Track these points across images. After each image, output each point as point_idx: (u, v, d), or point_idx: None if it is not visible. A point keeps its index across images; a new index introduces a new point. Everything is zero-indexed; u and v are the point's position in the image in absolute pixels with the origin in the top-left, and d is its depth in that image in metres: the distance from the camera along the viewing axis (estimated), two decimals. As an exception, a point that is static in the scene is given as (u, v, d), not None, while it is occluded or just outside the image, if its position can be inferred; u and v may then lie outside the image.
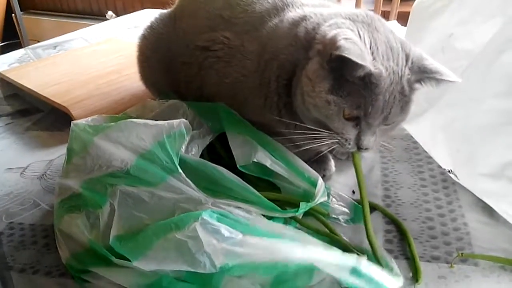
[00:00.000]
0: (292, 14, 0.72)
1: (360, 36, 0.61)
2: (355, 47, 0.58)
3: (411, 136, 0.84)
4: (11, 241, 0.71)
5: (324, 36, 0.62)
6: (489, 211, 0.67)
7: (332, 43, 0.59)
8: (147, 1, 3.17)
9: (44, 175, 0.87)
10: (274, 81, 0.69)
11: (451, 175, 0.70)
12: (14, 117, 1.11)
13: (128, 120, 0.68)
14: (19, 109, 1.16)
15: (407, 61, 0.62)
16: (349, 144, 0.64)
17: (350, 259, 0.53)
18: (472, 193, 0.69)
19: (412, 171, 0.78)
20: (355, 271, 0.52)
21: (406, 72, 0.62)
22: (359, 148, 0.64)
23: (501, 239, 0.63)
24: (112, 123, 0.70)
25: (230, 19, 0.77)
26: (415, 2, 0.81)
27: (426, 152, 0.79)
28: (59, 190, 0.68)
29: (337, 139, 0.64)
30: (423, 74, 0.62)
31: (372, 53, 0.61)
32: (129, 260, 0.54)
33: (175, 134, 0.64)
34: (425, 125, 0.72)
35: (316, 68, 0.62)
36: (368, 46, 0.61)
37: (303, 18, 0.69)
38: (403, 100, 0.62)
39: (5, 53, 1.57)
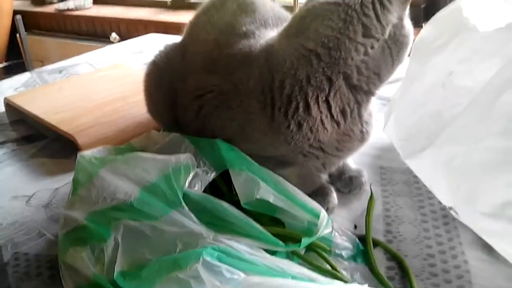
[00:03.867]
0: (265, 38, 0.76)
1: None
2: None
3: (412, 170, 0.85)
4: (16, 272, 0.71)
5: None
6: (489, 248, 0.67)
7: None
8: (151, 24, 3.20)
9: (50, 204, 0.88)
10: (285, 108, 0.70)
11: (451, 211, 0.71)
12: (19, 144, 1.13)
13: (135, 153, 0.70)
14: (24, 135, 1.17)
15: None
16: None
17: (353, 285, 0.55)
18: (472, 230, 0.70)
19: (413, 206, 0.78)
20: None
21: None
22: None
23: (501, 277, 0.64)
24: (119, 156, 0.71)
25: (218, 58, 0.79)
26: (417, 38, 0.82)
27: (426, 186, 0.80)
28: (64, 222, 0.69)
29: None
30: None
31: None
32: (134, 296, 0.55)
33: (181, 168, 0.65)
34: (426, 161, 0.72)
35: None
36: None
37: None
38: None
39: (10, 72, 1.60)
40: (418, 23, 2.31)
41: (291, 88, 0.69)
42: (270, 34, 0.78)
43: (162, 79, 0.92)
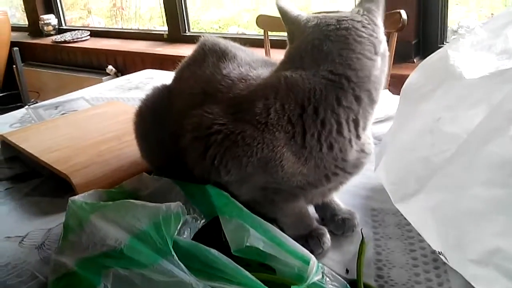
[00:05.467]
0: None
1: None
2: None
3: (403, 212, 0.85)
4: (8, 317, 0.71)
5: None
6: (479, 294, 0.68)
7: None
8: (147, 57, 3.23)
9: (43, 245, 0.88)
10: (318, 133, 0.72)
11: (441, 256, 0.72)
12: (13, 182, 1.13)
13: (126, 200, 0.70)
14: (19, 173, 1.17)
15: None
16: None
17: None
18: (461, 275, 0.70)
19: (404, 250, 0.79)
20: None
21: None
22: None
23: (490, 323, 0.64)
24: (110, 202, 0.72)
25: (217, 103, 0.79)
26: (405, 84, 0.84)
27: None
28: (54, 267, 0.69)
29: None
30: None
31: None
32: None
33: (171, 216, 0.66)
34: (415, 206, 0.73)
35: None
36: None
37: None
38: None
39: (5, 103, 1.60)
40: (409, 58, 2.37)
41: (325, 113, 0.72)
42: (264, 73, 0.80)
43: (149, 128, 0.95)
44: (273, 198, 0.78)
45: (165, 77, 0.99)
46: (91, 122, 1.35)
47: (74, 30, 4.16)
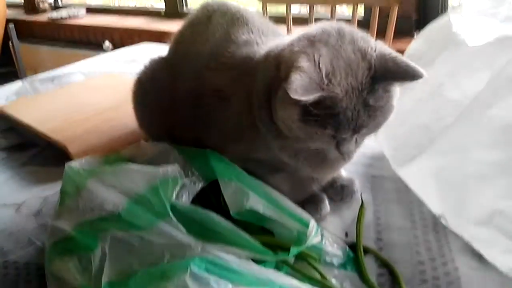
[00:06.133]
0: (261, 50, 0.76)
1: (315, 61, 0.62)
2: (303, 78, 0.59)
3: (403, 178, 0.85)
4: (6, 281, 0.71)
5: (284, 62, 0.65)
6: (478, 255, 0.67)
7: (288, 73, 0.60)
8: (144, 33, 3.20)
9: (40, 212, 0.87)
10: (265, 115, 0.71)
11: (441, 219, 0.72)
12: (10, 152, 1.12)
13: (123, 165, 0.69)
14: (15, 143, 1.16)
15: (369, 70, 0.63)
16: (331, 150, 0.68)
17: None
18: (461, 237, 0.70)
19: (403, 214, 0.78)
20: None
21: (368, 83, 0.62)
22: (341, 153, 0.67)
23: (490, 284, 0.64)
24: (107, 167, 0.71)
25: (218, 67, 0.80)
26: (407, 51, 0.83)
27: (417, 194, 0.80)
28: (51, 232, 0.69)
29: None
30: (388, 78, 0.63)
31: (328, 75, 0.61)
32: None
33: (168, 179, 0.65)
34: (415, 170, 0.73)
35: (284, 95, 0.63)
36: (324, 70, 0.61)
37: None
38: (369, 109, 0.63)
39: (2, 80, 1.58)
40: (409, 33, 2.35)
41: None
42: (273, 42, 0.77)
43: (148, 97, 0.94)
44: (255, 170, 0.76)
45: (162, 51, 0.97)
46: (88, 93, 1.33)
47: (70, 7, 4.11)
